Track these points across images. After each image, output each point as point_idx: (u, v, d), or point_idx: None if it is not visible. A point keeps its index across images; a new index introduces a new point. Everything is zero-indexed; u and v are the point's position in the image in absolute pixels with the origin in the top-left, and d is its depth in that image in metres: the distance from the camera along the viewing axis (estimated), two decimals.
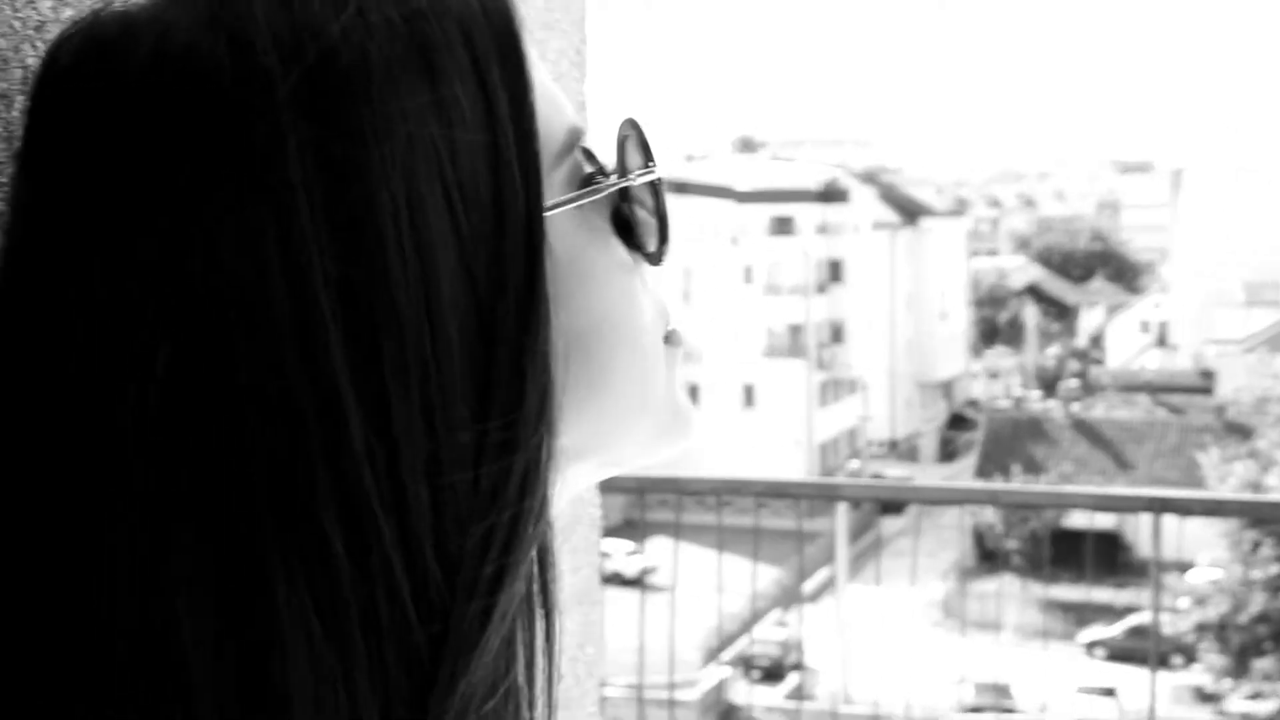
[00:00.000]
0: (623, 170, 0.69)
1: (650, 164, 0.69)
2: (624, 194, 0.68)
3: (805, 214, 45.62)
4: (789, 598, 23.72)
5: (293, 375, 0.55)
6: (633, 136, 0.69)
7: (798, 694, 22.50)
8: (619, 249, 0.68)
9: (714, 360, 43.69)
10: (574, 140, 0.67)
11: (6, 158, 0.70)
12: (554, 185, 0.65)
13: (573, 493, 0.71)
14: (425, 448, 0.57)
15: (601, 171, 0.69)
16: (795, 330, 44.36)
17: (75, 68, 0.59)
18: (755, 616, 24.44)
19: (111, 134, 0.57)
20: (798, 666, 23.62)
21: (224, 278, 0.55)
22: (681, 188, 44.96)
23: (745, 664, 24.49)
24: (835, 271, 47.17)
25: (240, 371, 0.55)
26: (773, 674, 24.02)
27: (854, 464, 42.56)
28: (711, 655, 23.86)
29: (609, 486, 4.72)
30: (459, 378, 0.58)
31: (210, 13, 0.58)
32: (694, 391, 44.02)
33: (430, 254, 0.57)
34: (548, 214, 0.62)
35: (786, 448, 41.18)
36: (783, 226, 45.48)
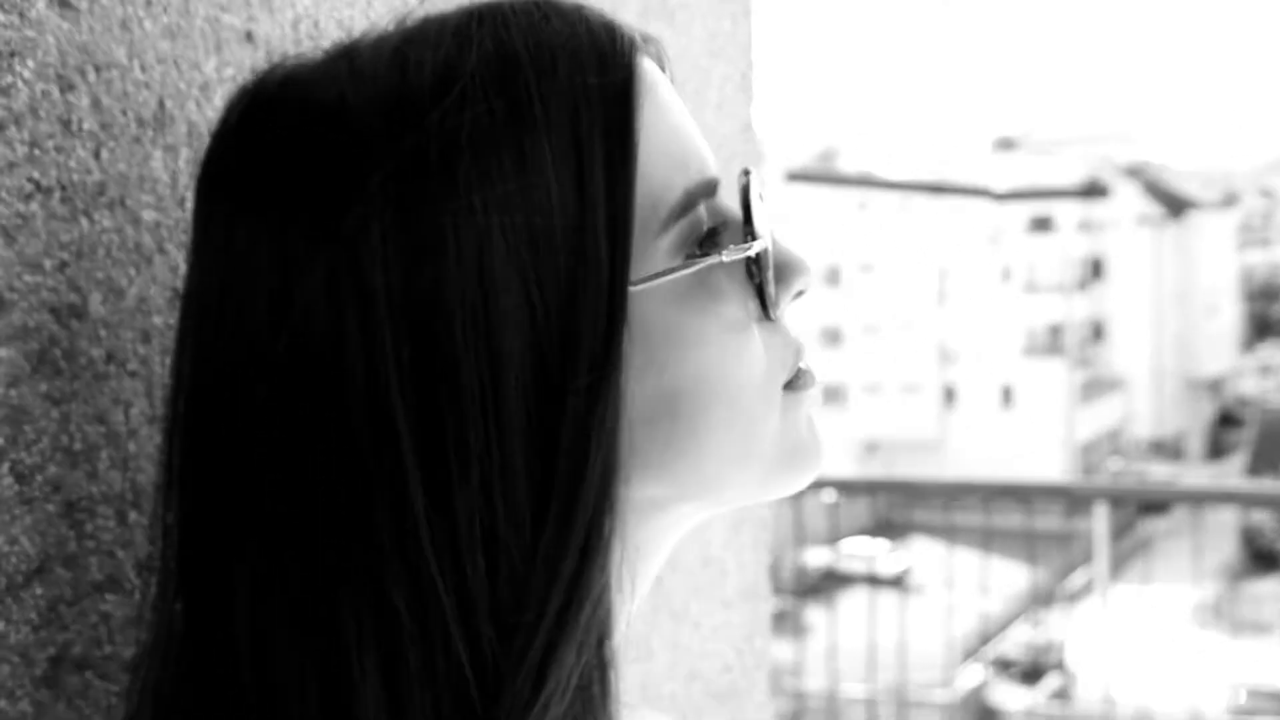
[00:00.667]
0: (747, 222, 0.67)
1: (750, 238, 0.67)
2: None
3: (1065, 211, 44.83)
4: (1047, 598, 23.69)
5: (363, 448, 0.59)
6: (745, 200, 0.67)
7: (1057, 695, 22.41)
8: (728, 308, 0.67)
9: (971, 361, 43.45)
10: (692, 200, 0.66)
11: (172, 201, 0.78)
12: (659, 251, 0.65)
13: (690, 526, 0.73)
14: (483, 521, 0.59)
15: (723, 225, 0.68)
16: (1055, 329, 43.68)
17: (237, 131, 0.65)
18: (1013, 617, 24.49)
19: (241, 199, 0.63)
20: (1057, 668, 23.59)
21: (308, 352, 0.59)
22: (938, 189, 44.83)
23: (1003, 665, 24.48)
24: (1096, 269, 46.17)
25: (317, 440, 0.59)
26: (1031, 675, 23.96)
27: (1115, 463, 41.70)
28: (968, 656, 23.96)
29: (852, 488, 5.35)
30: (521, 456, 0.59)
31: (339, 90, 0.62)
32: (950, 393, 43.87)
33: (498, 339, 0.59)
34: (645, 286, 0.64)
35: (1046, 448, 40.68)
36: (1042, 225, 44.79)
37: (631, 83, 0.64)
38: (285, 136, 0.62)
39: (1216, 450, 45.44)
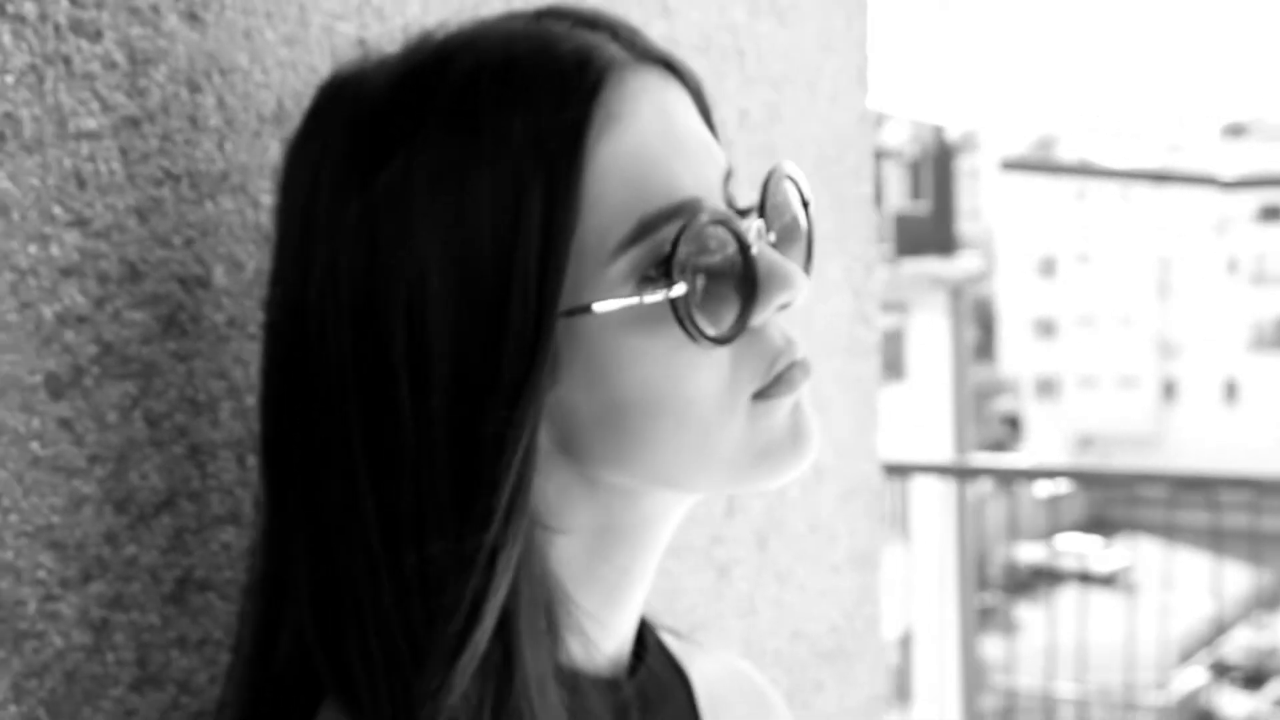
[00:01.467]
0: (667, 265, 0.69)
1: (670, 282, 0.69)
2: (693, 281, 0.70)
3: None
4: (1273, 601, 22.77)
5: (331, 419, 0.69)
6: (675, 242, 0.69)
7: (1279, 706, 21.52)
8: (673, 331, 0.69)
9: (1193, 355, 41.83)
10: (648, 227, 0.69)
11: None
12: (607, 278, 0.69)
13: (682, 511, 0.79)
14: (415, 508, 0.67)
15: (671, 256, 0.69)
16: None
17: (308, 110, 0.75)
18: (1236, 620, 23.59)
19: (291, 174, 0.74)
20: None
21: (300, 310, 0.71)
22: (1161, 177, 43.23)
23: (1223, 669, 23.62)
24: None
25: (294, 398, 0.71)
26: (1253, 681, 23.11)
27: None
28: (1187, 658, 23.19)
29: (1064, 477, 5.25)
30: (445, 456, 0.67)
31: (357, 99, 0.72)
32: (1170, 387, 42.28)
33: (429, 352, 0.66)
34: (581, 316, 0.68)
35: (1272, 444, 38.88)
36: (1272, 214, 42.79)
37: (586, 121, 0.68)
38: (321, 127, 0.73)
39: None
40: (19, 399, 0.76)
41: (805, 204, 0.80)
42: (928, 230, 19.31)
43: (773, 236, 0.77)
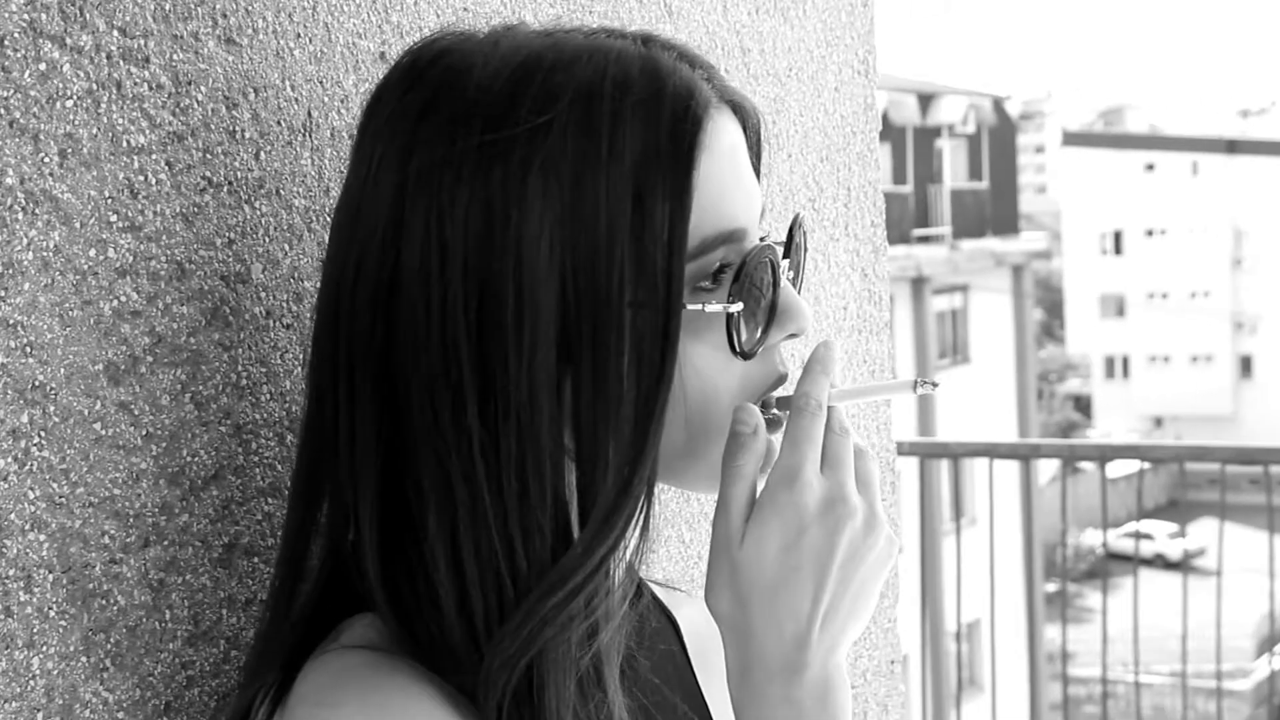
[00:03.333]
0: (736, 282, 0.82)
1: (736, 293, 0.82)
2: (741, 297, 0.82)
3: None
4: None
5: (436, 367, 0.78)
6: (741, 266, 0.83)
7: None
8: (716, 338, 0.83)
9: (1270, 331, 41.14)
10: (705, 247, 0.81)
11: (319, 190, 0.99)
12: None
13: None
14: (517, 453, 0.77)
15: (724, 269, 0.83)
16: None
17: (389, 86, 0.84)
18: None
19: (383, 144, 0.81)
20: None
21: (406, 276, 0.79)
22: (1233, 146, 42.53)
23: None
24: None
25: (406, 345, 0.79)
26: None
27: None
28: (1266, 645, 22.89)
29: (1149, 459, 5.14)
30: (546, 424, 0.77)
31: (470, 78, 0.80)
32: (1247, 363, 41.60)
33: (536, 322, 0.76)
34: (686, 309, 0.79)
35: None
36: None
37: (696, 144, 0.79)
38: (421, 108, 0.80)
39: None
40: (83, 385, 0.86)
41: (805, 250, 0.93)
42: (988, 208, 19.12)
43: (792, 274, 0.91)
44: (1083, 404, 44.50)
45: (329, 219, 1.01)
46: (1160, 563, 24.92)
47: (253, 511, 0.97)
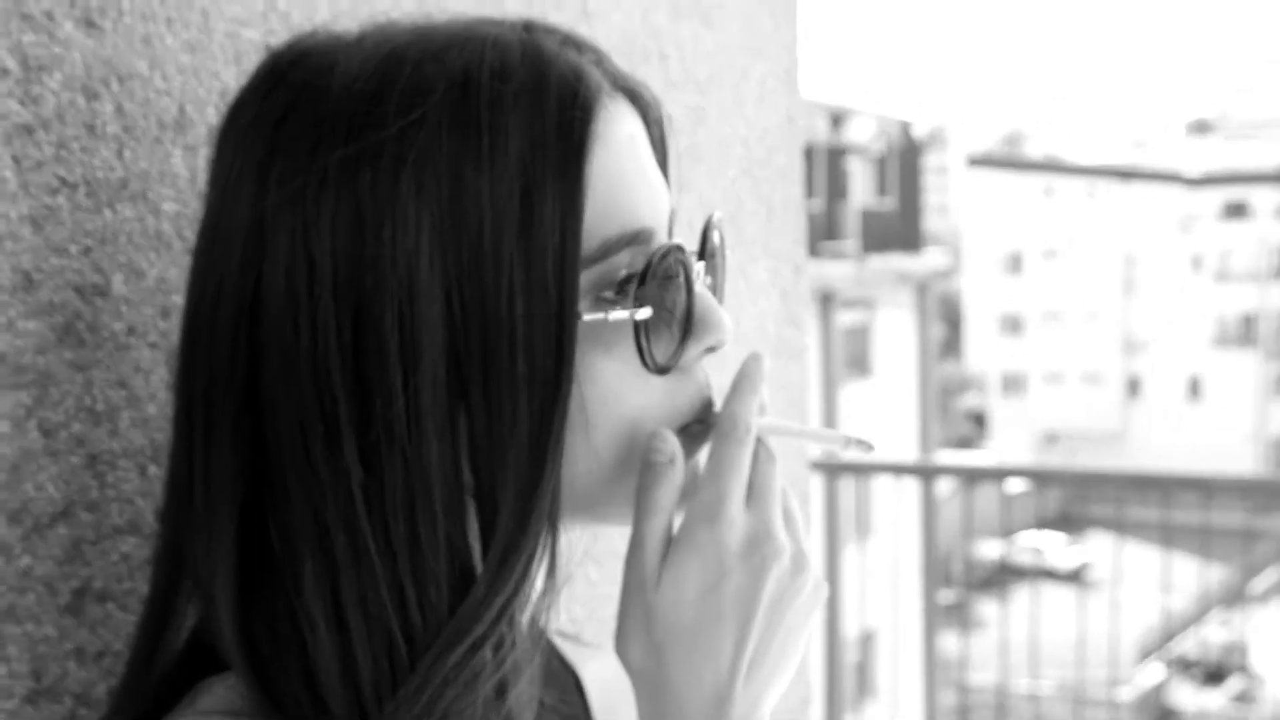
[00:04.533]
0: (641, 283, 0.72)
1: (639, 296, 0.72)
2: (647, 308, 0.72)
3: (1262, 197, 43.10)
4: (1232, 598, 23.02)
5: (307, 396, 0.68)
6: (646, 267, 0.73)
7: (1240, 699, 21.65)
8: (624, 352, 0.73)
9: (1158, 351, 42.15)
10: (607, 250, 0.72)
11: (191, 194, 0.88)
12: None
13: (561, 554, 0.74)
14: (405, 490, 0.68)
15: (630, 279, 0.73)
16: (1248, 319, 42.06)
17: (246, 94, 0.74)
18: (1194, 616, 23.79)
19: (240, 157, 0.72)
20: (1240, 670, 22.80)
21: (269, 299, 0.69)
22: (1127, 174, 43.54)
23: (1184, 665, 23.75)
24: None
25: (273, 377, 0.69)
26: (1214, 677, 23.25)
27: None
28: (1148, 654, 23.33)
29: (1025, 476, 5.29)
30: (435, 447, 0.68)
31: (329, 79, 0.71)
32: (1134, 384, 42.60)
33: (420, 337, 0.67)
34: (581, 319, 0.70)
35: (1236, 442, 39.23)
36: (1236, 211, 43.15)
37: (586, 135, 0.70)
38: (280, 114, 0.71)
39: None
40: None
41: (724, 254, 0.85)
42: (894, 226, 19.36)
43: (710, 280, 0.81)
44: (980, 419, 45.16)
45: None
46: (1051, 575, 25.34)
47: (107, 552, 0.86)
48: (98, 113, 0.84)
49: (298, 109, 0.70)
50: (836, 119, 18.28)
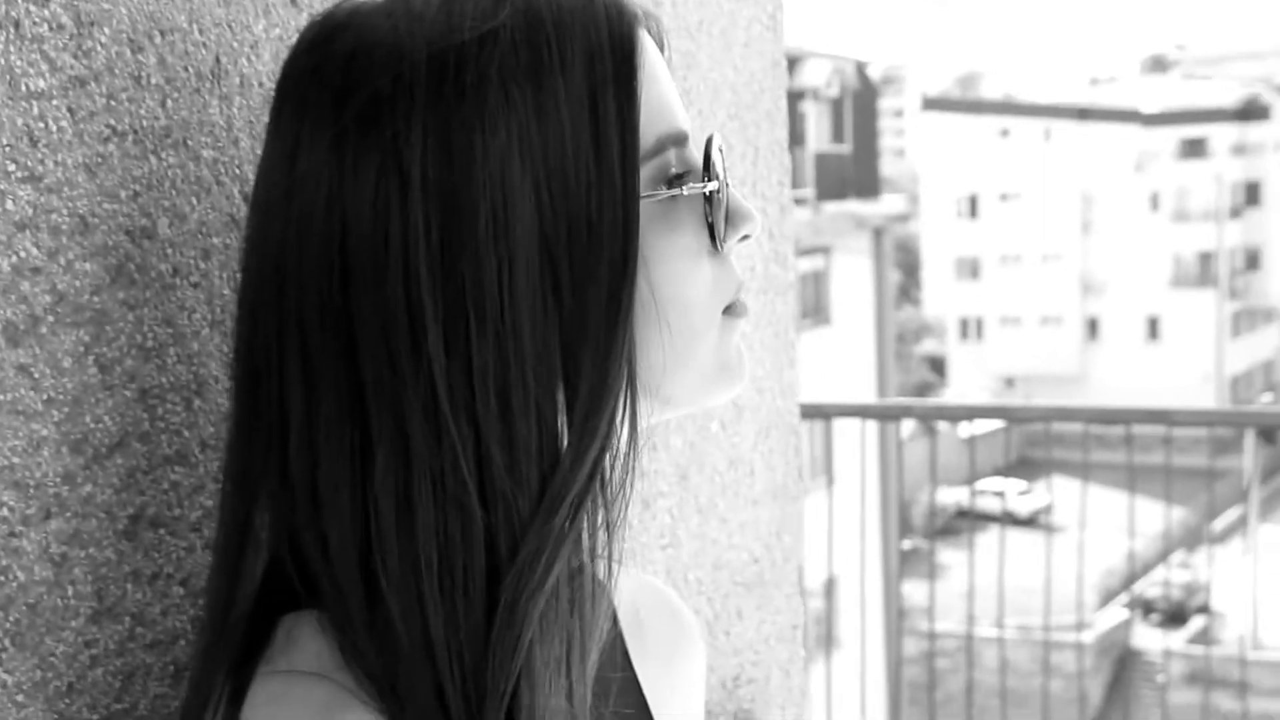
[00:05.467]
0: (706, 173, 0.83)
1: (707, 178, 0.82)
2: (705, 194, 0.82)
3: (1220, 134, 43.43)
4: (1194, 539, 23.36)
5: (394, 299, 0.74)
6: (710, 150, 0.83)
7: (1202, 638, 21.98)
8: (684, 236, 0.81)
9: (1116, 293, 42.48)
10: (662, 145, 0.81)
11: (228, 141, 0.94)
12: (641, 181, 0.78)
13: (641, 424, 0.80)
14: (496, 371, 0.74)
15: (687, 171, 0.83)
16: (1205, 258, 42.47)
17: (309, 50, 0.79)
18: (1156, 558, 24.16)
19: (309, 107, 0.77)
20: (1202, 610, 23.15)
21: (356, 223, 0.74)
22: (1084, 113, 43.70)
23: (1145, 607, 24.12)
24: (1252, 194, 44.73)
25: (362, 292, 0.74)
26: (1175, 618, 23.58)
27: (1268, 398, 40.54)
28: (1109, 597, 23.69)
29: (983, 414, 5.30)
30: (529, 326, 0.74)
31: (395, 24, 0.77)
32: (1093, 326, 42.93)
33: (514, 232, 0.74)
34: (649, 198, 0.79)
35: (1194, 383, 39.72)
36: (1193, 149, 43.45)
37: (635, 45, 0.79)
38: (348, 56, 0.77)
39: None
40: None
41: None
42: (850, 171, 19.35)
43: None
44: (938, 364, 45.49)
45: (237, 171, 0.96)
46: (1014, 520, 25.62)
47: (159, 481, 0.92)
48: (143, 65, 0.89)
49: (367, 47, 0.77)
50: (791, 62, 18.22)
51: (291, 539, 0.80)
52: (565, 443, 0.76)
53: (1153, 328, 42.45)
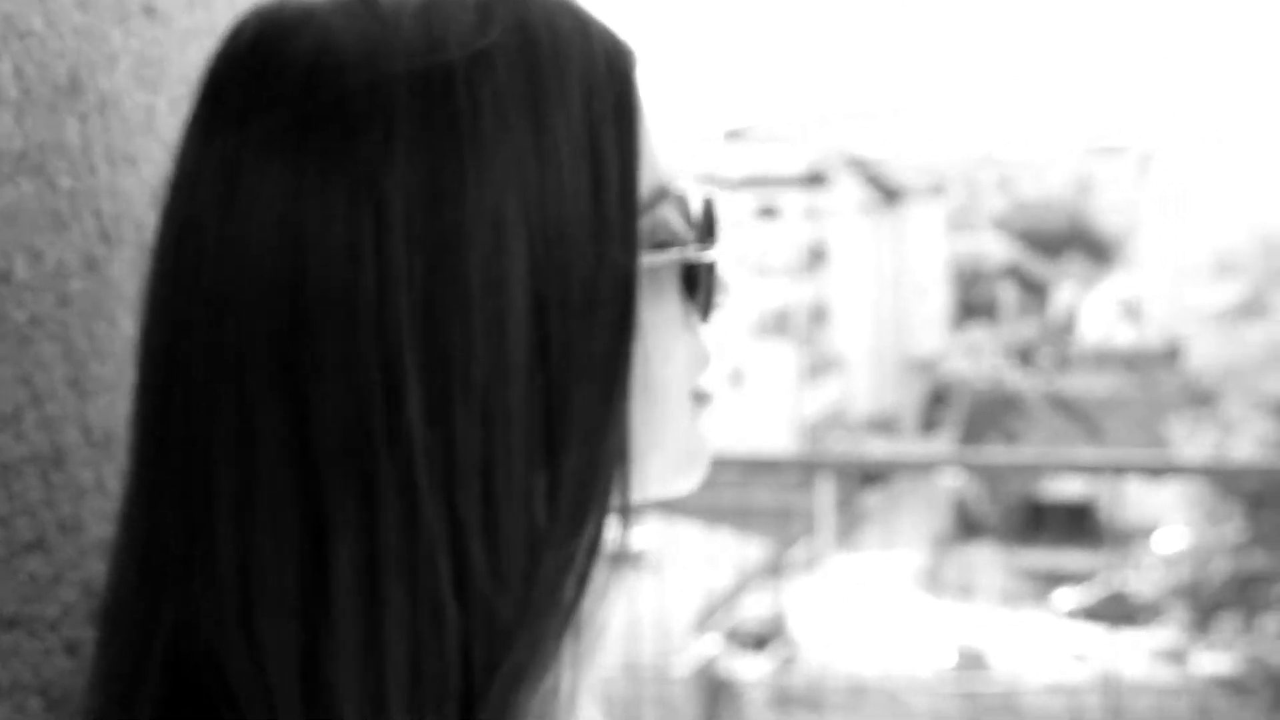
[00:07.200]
0: (704, 234, 0.73)
1: (710, 241, 0.73)
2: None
3: (791, 199, 46.58)
4: (772, 571, 24.57)
5: (367, 356, 0.62)
6: (710, 209, 0.74)
7: (783, 664, 23.11)
8: (669, 305, 0.72)
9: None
10: (656, 198, 0.71)
11: (84, 168, 0.80)
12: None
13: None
14: (482, 446, 0.63)
15: (673, 235, 0.72)
16: (781, 312, 45.32)
17: (251, 49, 0.66)
18: (738, 590, 25.23)
19: (256, 113, 0.64)
20: (781, 637, 24.37)
21: (324, 269, 0.62)
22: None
23: (732, 637, 25.10)
24: (819, 254, 48.13)
25: (325, 345, 0.62)
26: (758, 645, 24.69)
27: (839, 438, 43.54)
28: (700, 630, 24.48)
29: None
30: (521, 399, 0.64)
31: (364, 29, 0.64)
32: None
33: (507, 281, 0.63)
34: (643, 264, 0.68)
35: (774, 426, 42.13)
36: (769, 212, 46.41)
37: (632, 83, 0.69)
38: (310, 59, 0.64)
39: (929, 425, 47.94)
40: None
41: None
42: None
43: None
44: None
45: (95, 205, 0.82)
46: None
47: (16, 572, 0.76)
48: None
49: (334, 51, 0.64)
50: None
51: (209, 639, 0.65)
52: (547, 538, 0.65)
53: (737, 376, 44.75)
